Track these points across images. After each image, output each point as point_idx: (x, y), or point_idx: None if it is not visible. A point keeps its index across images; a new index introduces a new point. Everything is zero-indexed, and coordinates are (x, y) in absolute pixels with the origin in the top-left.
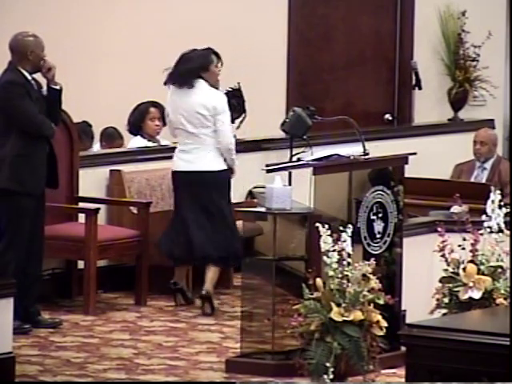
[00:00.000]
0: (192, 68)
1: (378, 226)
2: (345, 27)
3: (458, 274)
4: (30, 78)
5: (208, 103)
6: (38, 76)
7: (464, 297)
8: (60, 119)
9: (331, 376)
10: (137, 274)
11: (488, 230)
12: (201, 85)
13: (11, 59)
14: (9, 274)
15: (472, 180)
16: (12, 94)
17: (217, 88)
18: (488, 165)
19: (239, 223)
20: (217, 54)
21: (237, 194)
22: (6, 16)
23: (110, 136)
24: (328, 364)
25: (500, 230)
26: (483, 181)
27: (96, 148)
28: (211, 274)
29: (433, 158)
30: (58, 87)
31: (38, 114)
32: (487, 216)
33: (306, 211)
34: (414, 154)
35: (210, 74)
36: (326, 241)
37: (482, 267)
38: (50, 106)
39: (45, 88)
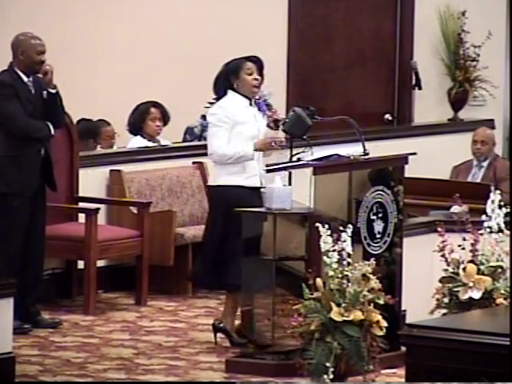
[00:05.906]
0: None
1: (378, 226)
2: (345, 27)
3: (457, 274)
4: (26, 79)
5: None
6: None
7: (464, 297)
8: (62, 122)
9: (331, 376)
10: (137, 274)
11: (488, 230)
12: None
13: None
14: (2, 275)
15: (469, 178)
16: None
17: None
18: (486, 163)
19: None
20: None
21: None
22: (6, 16)
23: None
24: (328, 364)
25: (500, 230)
26: (480, 178)
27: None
28: None
29: (433, 158)
30: (53, 91)
31: (23, 116)
32: (487, 216)
33: (305, 211)
34: (414, 154)
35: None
36: (325, 241)
37: (482, 267)
38: (48, 109)
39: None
